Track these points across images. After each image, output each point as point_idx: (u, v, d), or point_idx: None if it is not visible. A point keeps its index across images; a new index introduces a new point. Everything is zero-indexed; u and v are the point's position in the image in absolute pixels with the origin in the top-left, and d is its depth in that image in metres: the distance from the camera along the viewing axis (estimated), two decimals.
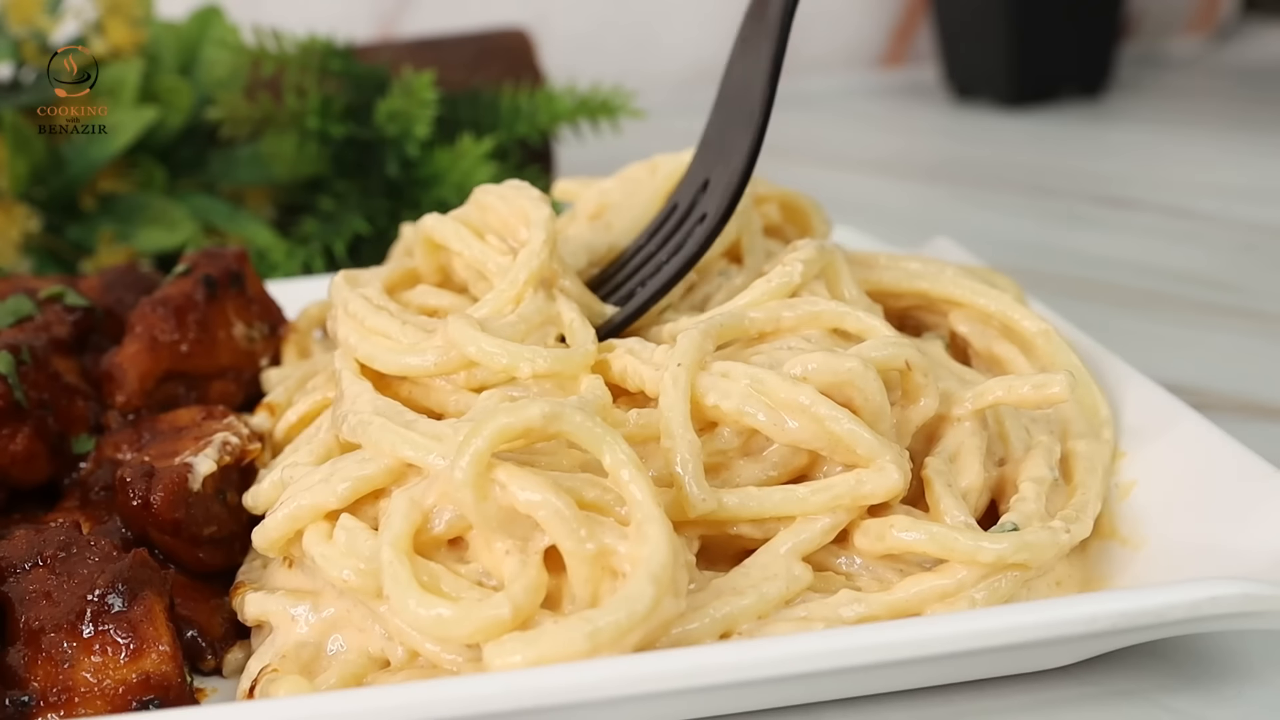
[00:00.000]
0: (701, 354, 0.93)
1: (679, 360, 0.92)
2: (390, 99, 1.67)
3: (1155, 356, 1.19)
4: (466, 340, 0.95)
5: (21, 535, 0.93)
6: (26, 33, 1.65)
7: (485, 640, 0.80)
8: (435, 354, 0.98)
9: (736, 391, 0.91)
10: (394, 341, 1.01)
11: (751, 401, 0.91)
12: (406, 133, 1.67)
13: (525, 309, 1.01)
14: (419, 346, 0.99)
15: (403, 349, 1.00)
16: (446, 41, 2.03)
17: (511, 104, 1.78)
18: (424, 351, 0.98)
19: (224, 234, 1.66)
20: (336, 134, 1.69)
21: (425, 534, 0.86)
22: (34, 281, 1.22)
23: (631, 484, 0.82)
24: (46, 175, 1.61)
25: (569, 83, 1.85)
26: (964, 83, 2.74)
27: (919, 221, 1.94)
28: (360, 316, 1.04)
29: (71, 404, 1.09)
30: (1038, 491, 0.95)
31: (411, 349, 0.99)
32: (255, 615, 0.94)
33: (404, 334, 1.01)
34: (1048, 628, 0.80)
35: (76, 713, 0.85)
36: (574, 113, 1.77)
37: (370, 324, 1.02)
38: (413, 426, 0.91)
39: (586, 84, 1.85)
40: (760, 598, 0.86)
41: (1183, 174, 2.19)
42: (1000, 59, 2.63)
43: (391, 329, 1.02)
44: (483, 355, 0.95)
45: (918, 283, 1.11)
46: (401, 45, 2.03)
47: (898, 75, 2.99)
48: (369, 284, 1.10)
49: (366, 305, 1.04)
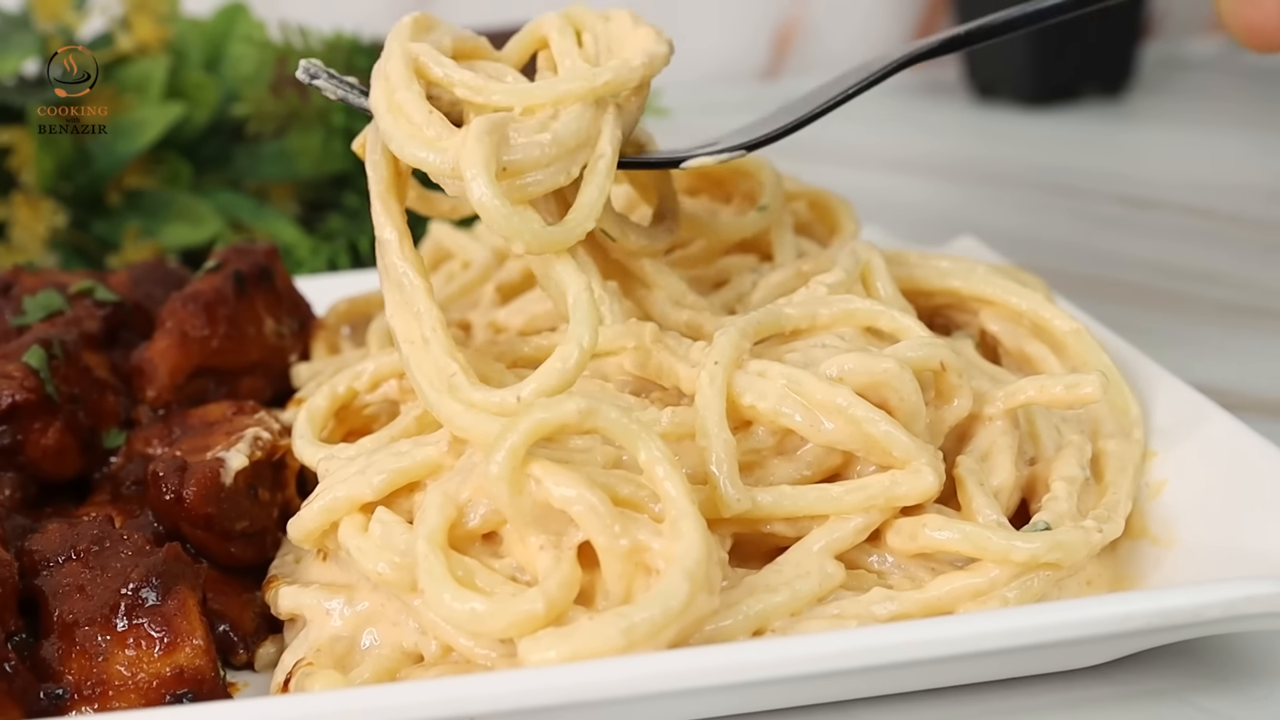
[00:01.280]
0: (738, 353, 0.93)
1: (716, 359, 0.92)
2: None
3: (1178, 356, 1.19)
4: (471, 174, 0.89)
5: (54, 529, 0.94)
6: (53, 28, 1.66)
7: (519, 635, 0.80)
8: (447, 162, 0.92)
9: (773, 392, 0.91)
10: (415, 128, 0.94)
11: (788, 402, 0.91)
12: None
13: (563, 126, 0.94)
14: (438, 143, 0.92)
15: (421, 140, 0.93)
16: None
17: None
18: (441, 150, 0.92)
19: (249, 230, 1.66)
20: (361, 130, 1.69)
21: (460, 528, 0.86)
22: (64, 276, 1.23)
23: (666, 481, 0.82)
24: (73, 171, 1.62)
25: None
26: (985, 82, 2.73)
27: (941, 220, 1.93)
28: (394, 83, 0.96)
29: (102, 398, 1.10)
30: (1070, 490, 0.95)
31: (429, 143, 0.93)
32: (289, 609, 0.94)
33: (429, 124, 0.94)
34: (1082, 626, 0.80)
35: (110, 706, 0.86)
36: None
37: (399, 97, 0.95)
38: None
39: None
40: (793, 595, 0.86)
41: (1205, 174, 2.19)
42: (1022, 58, 2.63)
43: (417, 113, 0.94)
44: (481, 208, 0.89)
45: (949, 281, 1.11)
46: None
47: (919, 74, 2.98)
48: (440, 37, 1.01)
49: (404, 72, 0.96)
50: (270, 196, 1.74)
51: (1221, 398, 1.06)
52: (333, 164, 1.71)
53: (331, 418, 1.07)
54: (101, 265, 1.62)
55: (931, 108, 2.76)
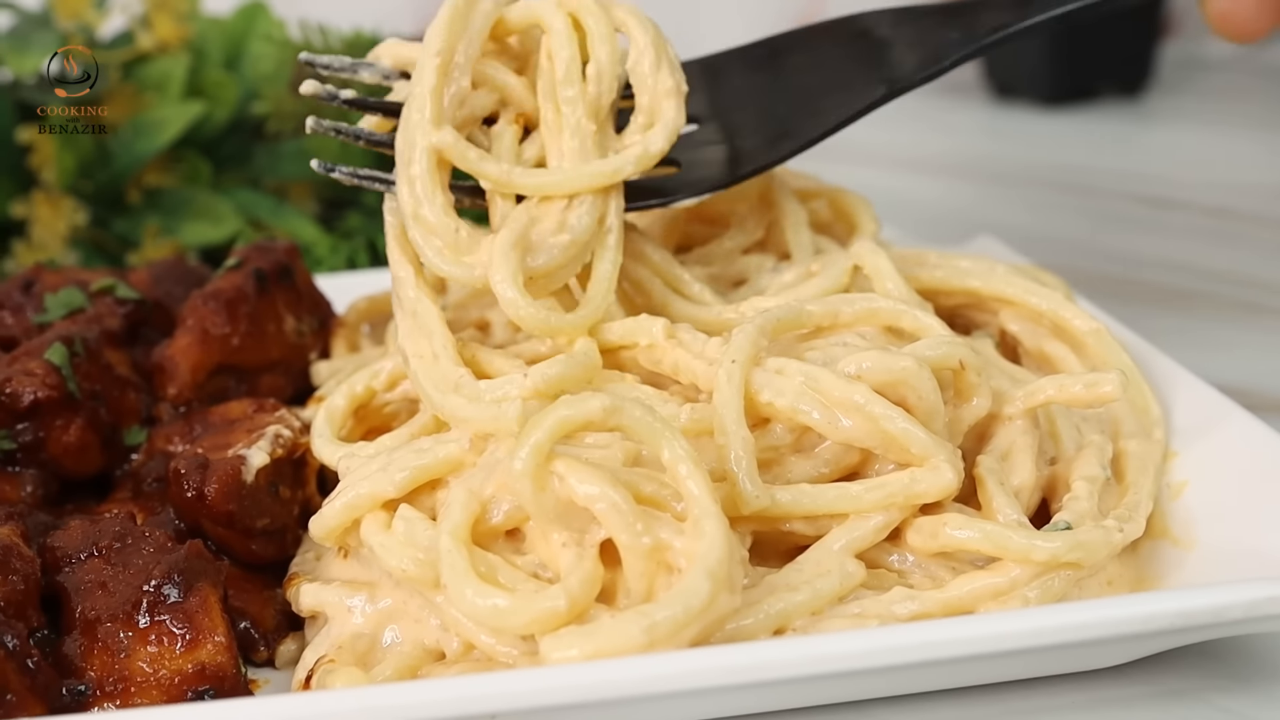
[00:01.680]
0: (756, 350, 0.93)
1: (733, 357, 0.92)
2: None
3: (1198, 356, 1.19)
4: (502, 288, 0.96)
5: (76, 525, 0.94)
6: (74, 27, 1.66)
7: (540, 631, 0.80)
8: (477, 278, 0.98)
9: (791, 389, 0.92)
10: (443, 243, 1.00)
11: (806, 399, 0.91)
12: None
13: (578, 220, 1.01)
14: (465, 259, 0.99)
15: (450, 257, 0.99)
16: None
17: None
18: (469, 267, 0.99)
19: (268, 228, 1.66)
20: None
21: (483, 524, 0.86)
22: (85, 274, 1.23)
23: (689, 479, 0.82)
24: (93, 169, 1.62)
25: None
26: (1003, 81, 2.72)
27: (959, 220, 1.93)
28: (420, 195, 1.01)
29: (123, 396, 1.10)
30: (1090, 490, 0.95)
31: (458, 260, 0.99)
32: (311, 606, 0.94)
33: (456, 240, 1.00)
34: (1104, 626, 0.80)
35: (132, 702, 0.86)
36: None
37: (424, 212, 1.00)
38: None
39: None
40: (814, 594, 0.86)
41: (1224, 174, 2.18)
42: (1040, 58, 2.62)
43: (445, 229, 1.00)
44: (515, 316, 0.97)
45: (968, 281, 1.11)
46: None
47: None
48: (475, 33, 1.04)
49: (429, 182, 1.01)
50: (289, 195, 1.74)
51: (1243, 398, 1.05)
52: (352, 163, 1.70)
53: (350, 417, 1.07)
54: (122, 263, 1.62)
55: (949, 107, 2.76)
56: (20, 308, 1.16)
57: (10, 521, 0.93)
